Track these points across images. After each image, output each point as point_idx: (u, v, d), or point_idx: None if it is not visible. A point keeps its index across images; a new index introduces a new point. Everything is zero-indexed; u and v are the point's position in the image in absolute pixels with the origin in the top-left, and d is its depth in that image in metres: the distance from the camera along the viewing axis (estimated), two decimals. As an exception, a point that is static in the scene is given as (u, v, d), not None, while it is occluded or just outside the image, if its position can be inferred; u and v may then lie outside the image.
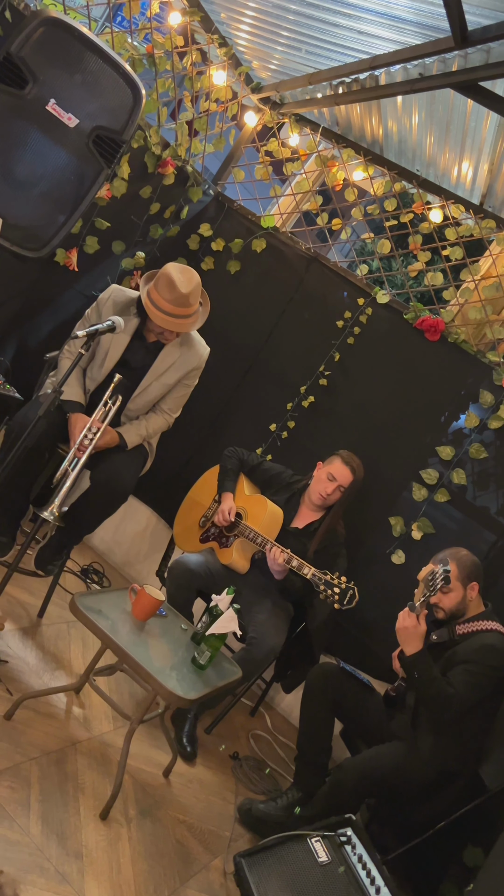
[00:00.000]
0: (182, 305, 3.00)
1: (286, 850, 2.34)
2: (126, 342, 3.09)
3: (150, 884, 2.27)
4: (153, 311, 2.96)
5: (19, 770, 2.35)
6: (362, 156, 4.14)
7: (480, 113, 3.53)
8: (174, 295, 2.97)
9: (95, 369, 3.13)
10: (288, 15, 3.50)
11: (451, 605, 2.85)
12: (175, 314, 3.00)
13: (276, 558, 3.11)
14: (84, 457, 2.86)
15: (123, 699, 3.12)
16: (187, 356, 3.24)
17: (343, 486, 3.28)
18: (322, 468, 3.35)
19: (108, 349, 3.09)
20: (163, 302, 2.96)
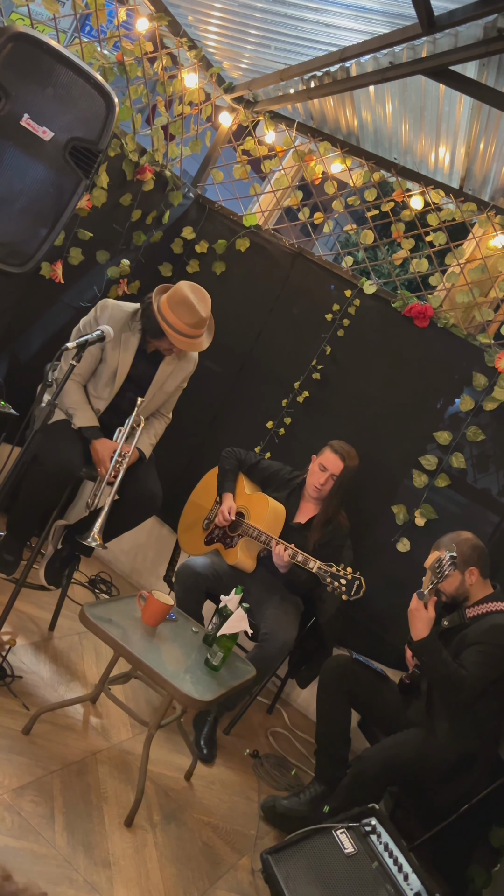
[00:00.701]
0: (199, 327, 3.06)
1: (312, 844, 2.35)
2: (132, 358, 3.11)
3: (180, 887, 2.28)
4: (173, 335, 3.00)
5: (41, 784, 2.36)
6: (339, 148, 4.15)
7: (453, 97, 3.54)
8: (195, 319, 3.02)
9: (102, 388, 3.12)
10: (255, 13, 3.51)
11: (451, 590, 2.87)
12: (193, 335, 3.06)
13: (280, 554, 3.12)
14: (117, 481, 2.94)
15: (140, 706, 3.12)
16: (183, 363, 3.28)
17: (335, 475, 3.29)
18: (315, 460, 3.37)
19: (115, 367, 3.09)
20: (182, 325, 3.01)
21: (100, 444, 3.01)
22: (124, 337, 3.08)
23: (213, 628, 2.75)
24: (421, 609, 2.65)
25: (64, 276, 3.66)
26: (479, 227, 3.90)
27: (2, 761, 2.35)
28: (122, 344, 3.08)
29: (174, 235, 4.31)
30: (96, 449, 3.01)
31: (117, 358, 3.08)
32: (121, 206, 3.84)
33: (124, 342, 3.09)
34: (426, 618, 2.64)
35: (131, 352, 3.10)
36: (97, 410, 3.11)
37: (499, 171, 3.77)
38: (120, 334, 3.07)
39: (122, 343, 3.08)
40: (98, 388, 3.11)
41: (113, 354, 3.07)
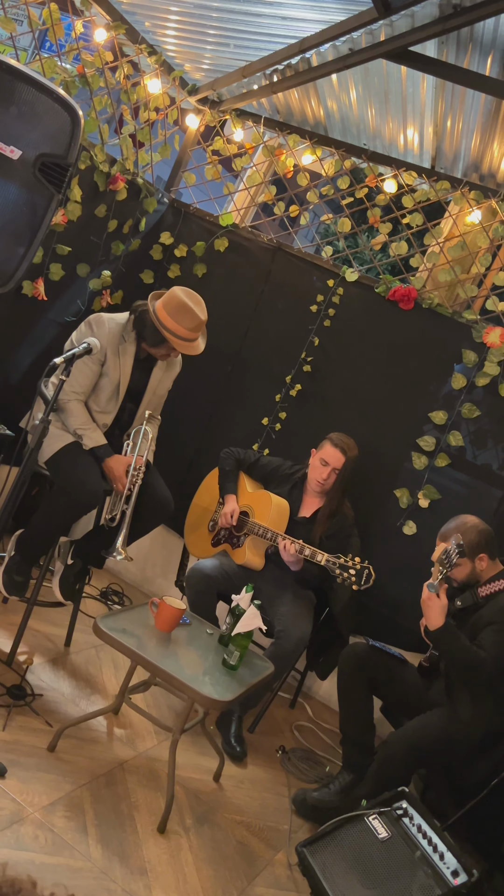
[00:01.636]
0: (197, 331, 3.10)
1: (346, 833, 2.36)
2: (131, 367, 3.12)
3: (218, 888, 2.29)
4: (176, 341, 3.03)
5: (71, 798, 2.37)
6: (308, 139, 4.15)
7: (416, 77, 3.54)
8: (195, 323, 3.05)
9: (105, 402, 3.12)
10: (211, 13, 3.51)
11: (462, 578, 2.87)
12: (192, 339, 3.09)
13: (288, 550, 3.12)
14: (134, 494, 2.98)
15: (162, 712, 3.13)
16: (171, 364, 3.30)
17: (337, 469, 3.30)
18: (315, 455, 3.37)
19: (118, 380, 3.10)
20: (183, 331, 3.04)
21: (114, 462, 3.03)
22: (121, 349, 3.09)
23: (227, 628, 2.75)
24: (433, 598, 2.63)
25: (46, 293, 3.66)
26: (454, 205, 3.90)
27: (30, 780, 2.36)
28: (120, 357, 3.09)
29: (152, 242, 4.31)
30: (111, 467, 3.04)
31: (118, 371, 3.09)
32: (96, 217, 3.84)
33: (122, 354, 3.09)
34: (439, 606, 2.63)
35: (130, 362, 3.12)
36: (104, 425, 3.11)
37: (468, 148, 3.78)
38: (118, 347, 3.08)
39: (119, 356, 3.09)
40: (101, 403, 3.11)
41: (114, 367, 3.07)
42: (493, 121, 3.54)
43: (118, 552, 2.85)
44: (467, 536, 2.81)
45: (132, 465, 3.02)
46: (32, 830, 2.17)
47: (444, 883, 2.12)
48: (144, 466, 3.06)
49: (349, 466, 3.31)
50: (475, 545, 2.82)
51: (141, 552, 4.27)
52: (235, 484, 3.51)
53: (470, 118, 3.61)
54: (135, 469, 3.02)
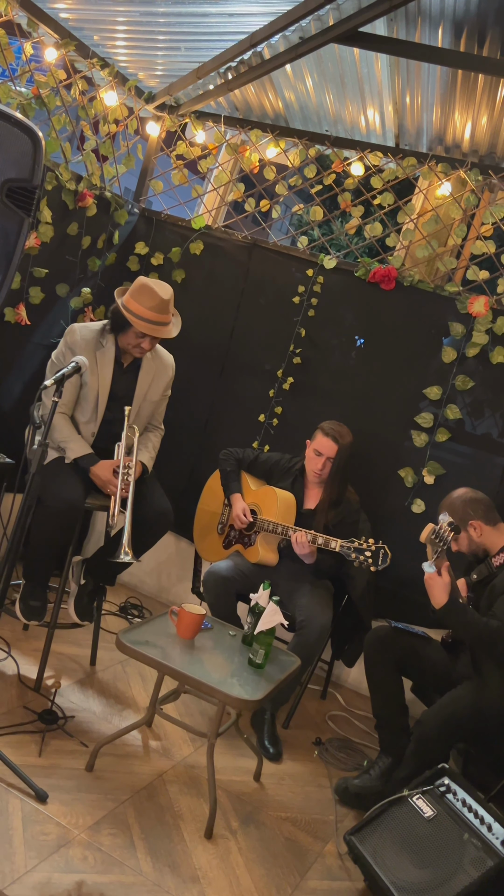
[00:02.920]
0: (163, 312, 3.05)
1: (391, 816, 2.36)
2: (111, 374, 3.11)
3: (272, 886, 2.29)
4: (136, 321, 3.00)
5: (115, 815, 2.38)
6: (270, 132, 4.14)
7: (369, 58, 3.53)
8: (155, 301, 3.02)
9: (89, 412, 3.11)
10: (158, 19, 3.51)
11: (465, 550, 2.88)
12: (157, 321, 3.04)
13: (300, 541, 3.12)
14: (130, 495, 2.94)
15: (195, 719, 3.14)
16: (161, 368, 3.28)
17: (331, 458, 3.29)
18: (309, 446, 3.36)
19: (97, 388, 3.08)
20: (144, 310, 3.01)
21: (98, 469, 3.01)
22: (98, 355, 3.08)
23: (249, 628, 2.76)
24: (434, 577, 2.62)
25: (29, 317, 3.66)
26: (423, 180, 3.89)
27: (72, 802, 2.37)
28: (98, 363, 3.08)
29: (128, 254, 4.31)
30: (96, 474, 3.02)
31: (97, 377, 3.08)
32: (69, 236, 3.84)
33: (100, 360, 3.08)
34: (441, 584, 2.62)
35: (109, 367, 3.10)
36: (91, 434, 3.11)
37: (430, 121, 3.77)
38: (94, 353, 3.07)
39: (98, 362, 3.08)
40: (85, 413, 3.11)
41: (92, 374, 3.06)
42: (451, 92, 3.53)
43: (124, 552, 2.82)
44: (453, 508, 2.84)
45: (120, 466, 2.99)
46: (81, 851, 2.18)
47: (494, 854, 2.13)
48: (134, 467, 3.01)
49: (343, 454, 3.30)
50: (462, 514, 2.84)
51: (154, 562, 4.28)
52: (239, 483, 3.51)
53: (428, 92, 3.60)
54: (125, 468, 2.99)
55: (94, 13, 3.51)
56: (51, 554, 3.02)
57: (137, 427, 3.20)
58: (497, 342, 3.55)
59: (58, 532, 2.94)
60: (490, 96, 3.46)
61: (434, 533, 2.64)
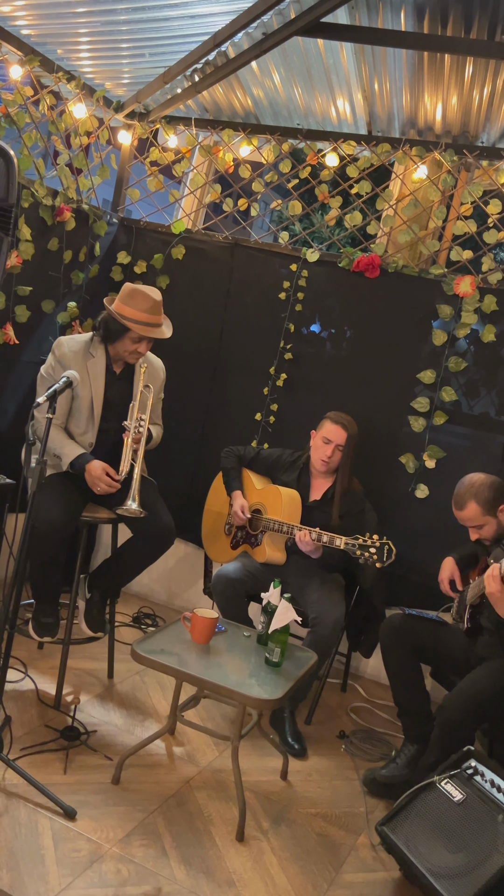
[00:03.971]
0: (156, 313, 3.05)
1: (422, 803, 2.36)
2: (103, 382, 3.09)
3: (308, 883, 2.29)
4: (133, 325, 2.99)
5: (145, 826, 2.37)
6: (242, 131, 4.14)
7: (334, 48, 3.53)
8: (148, 304, 3.02)
9: (84, 423, 3.09)
10: (120, 27, 3.50)
11: (491, 535, 2.86)
12: (152, 322, 3.04)
13: (304, 539, 3.11)
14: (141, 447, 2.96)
15: (217, 723, 3.13)
16: (153, 372, 3.27)
17: (341, 445, 3.28)
18: (316, 435, 3.36)
19: (91, 398, 3.07)
20: (138, 314, 3.01)
21: (91, 466, 2.95)
22: (89, 365, 3.07)
23: (263, 627, 2.75)
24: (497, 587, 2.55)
25: (17, 336, 3.66)
26: (398, 165, 3.89)
27: (101, 816, 2.37)
28: (89, 373, 3.07)
29: (110, 264, 4.30)
30: (88, 471, 2.94)
31: (89, 388, 3.06)
32: (50, 252, 3.84)
33: (91, 370, 3.07)
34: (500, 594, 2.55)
35: (101, 376, 3.09)
36: (89, 445, 3.08)
37: (400, 106, 3.77)
38: (84, 364, 3.06)
39: (88, 372, 3.07)
40: (80, 425, 3.09)
41: (83, 385, 3.05)
42: (418, 75, 3.53)
43: (132, 500, 2.80)
44: (481, 494, 2.81)
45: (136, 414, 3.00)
46: (114, 865, 2.17)
47: (527, 831, 2.12)
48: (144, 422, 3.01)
49: (352, 442, 3.30)
50: (492, 501, 2.81)
51: (163, 569, 4.28)
52: (240, 480, 3.51)
53: (396, 77, 3.60)
54: (139, 419, 2.99)
55: (55, 27, 3.51)
56: (52, 571, 2.98)
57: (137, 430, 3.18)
58: (486, 320, 3.55)
59: (50, 551, 2.88)
60: (458, 76, 3.45)
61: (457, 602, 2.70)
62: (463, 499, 2.84)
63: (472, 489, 2.83)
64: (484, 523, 2.82)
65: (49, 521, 2.79)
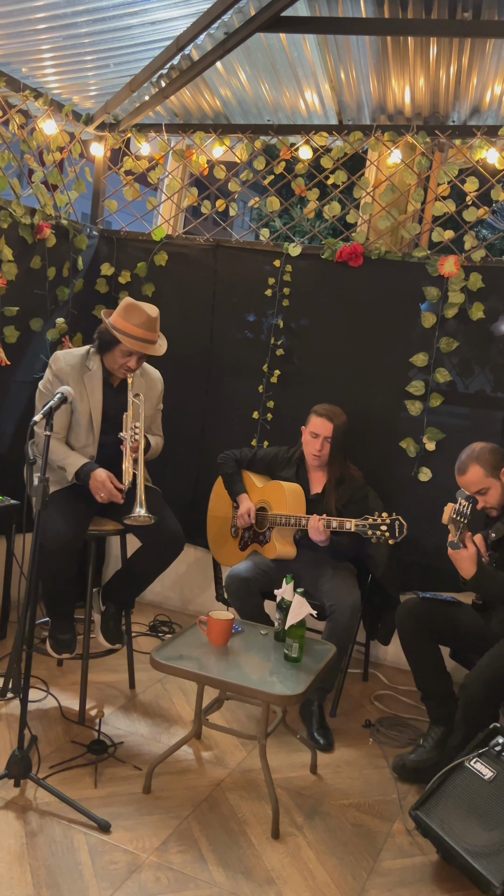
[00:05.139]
0: (151, 330, 3.06)
1: (453, 784, 2.36)
2: (101, 395, 3.10)
3: (347, 874, 2.29)
4: (125, 339, 2.99)
5: (180, 832, 2.38)
6: (213, 132, 4.14)
7: (297, 41, 3.53)
8: (143, 318, 3.02)
9: (84, 436, 3.09)
10: (82, 40, 3.50)
11: (497, 501, 2.86)
12: (145, 338, 3.04)
13: (316, 527, 3.12)
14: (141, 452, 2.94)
15: (242, 723, 3.13)
16: (150, 383, 3.27)
17: (328, 437, 3.28)
18: (305, 431, 3.36)
19: (89, 411, 3.07)
20: (132, 328, 3.01)
21: (97, 472, 2.93)
22: (86, 378, 3.07)
23: (279, 624, 2.76)
24: (460, 552, 2.64)
25: (8, 357, 3.66)
26: (372, 152, 3.89)
27: (135, 827, 2.37)
28: (86, 386, 3.07)
29: (95, 277, 4.31)
30: (94, 477, 2.92)
31: (87, 401, 3.07)
32: (33, 270, 3.84)
33: (88, 383, 3.07)
34: (467, 556, 2.63)
35: (98, 389, 3.09)
36: (91, 458, 3.08)
37: (368, 93, 3.77)
38: (82, 377, 3.06)
39: (86, 385, 3.07)
40: (80, 438, 3.09)
41: (81, 399, 3.05)
42: (383, 60, 3.53)
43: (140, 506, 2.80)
44: (483, 457, 2.82)
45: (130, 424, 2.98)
46: (152, 874, 2.18)
47: None
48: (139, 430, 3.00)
49: (339, 432, 3.29)
50: (494, 463, 2.82)
51: (175, 576, 4.28)
52: (242, 484, 3.51)
53: (361, 64, 3.60)
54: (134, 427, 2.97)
55: (17, 45, 3.51)
56: (64, 587, 2.98)
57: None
58: (473, 298, 3.55)
59: (60, 567, 2.87)
60: (423, 57, 3.45)
61: (454, 512, 2.65)
62: (465, 464, 2.86)
63: (473, 454, 2.86)
64: (488, 486, 2.82)
65: (56, 538, 2.79)
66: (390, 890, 2.25)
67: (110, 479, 2.93)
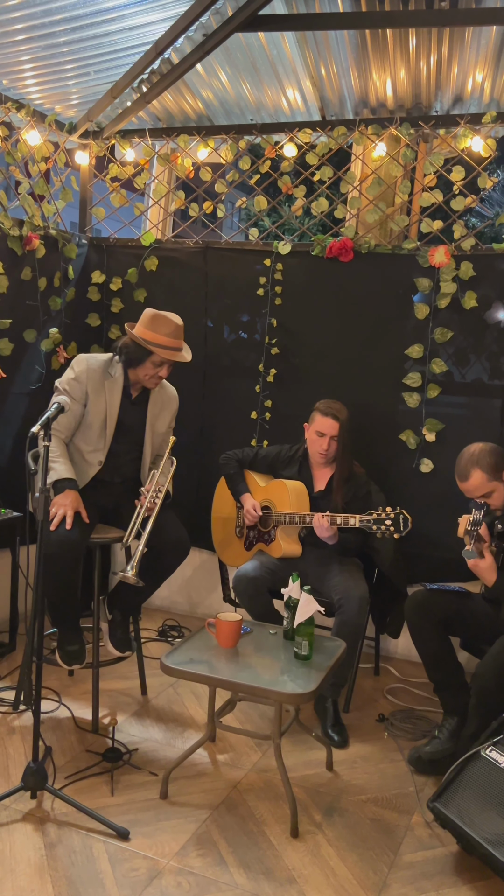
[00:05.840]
0: (179, 338, 3.09)
1: (469, 774, 2.35)
2: (119, 402, 3.10)
3: (368, 870, 2.29)
4: (158, 350, 3.01)
5: (199, 836, 2.37)
6: (197, 134, 4.14)
7: (275, 39, 3.52)
8: (171, 328, 3.05)
9: (96, 439, 3.07)
10: (61, 49, 3.50)
11: (501, 502, 2.86)
12: (175, 347, 3.07)
13: (322, 524, 3.11)
14: (154, 515, 2.90)
15: (256, 724, 3.13)
16: (167, 400, 3.28)
17: (334, 436, 3.28)
18: (309, 429, 3.35)
19: (104, 415, 3.06)
20: (162, 338, 3.03)
21: (67, 492, 2.86)
22: (108, 384, 3.07)
23: (287, 622, 2.75)
24: (478, 563, 2.68)
25: (4, 370, 3.66)
26: (357, 146, 3.89)
27: (154, 833, 2.37)
28: (106, 390, 3.07)
29: (86, 285, 4.30)
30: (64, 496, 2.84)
31: (104, 404, 3.07)
32: (24, 282, 3.84)
33: (108, 388, 3.07)
34: (487, 566, 2.68)
35: (117, 396, 3.09)
36: (98, 463, 3.08)
37: (350, 87, 3.76)
38: (103, 382, 3.07)
39: (106, 389, 3.07)
40: (92, 440, 3.08)
41: (98, 402, 3.05)
42: (363, 53, 3.52)
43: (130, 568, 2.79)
44: (483, 461, 2.80)
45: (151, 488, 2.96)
46: (174, 879, 2.17)
47: None
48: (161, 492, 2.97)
49: (345, 429, 3.29)
50: (495, 465, 2.81)
51: (181, 580, 4.28)
52: (245, 483, 3.51)
53: (341, 59, 3.59)
54: (154, 491, 2.96)
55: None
56: (67, 596, 2.95)
57: (146, 458, 3.20)
58: (465, 287, 3.55)
59: (64, 573, 2.84)
60: (403, 49, 3.45)
61: (469, 523, 2.67)
62: (466, 469, 2.84)
63: (472, 458, 2.83)
64: (491, 490, 2.81)
65: (59, 542, 2.77)
66: (412, 883, 2.24)
67: (76, 506, 2.84)
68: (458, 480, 2.88)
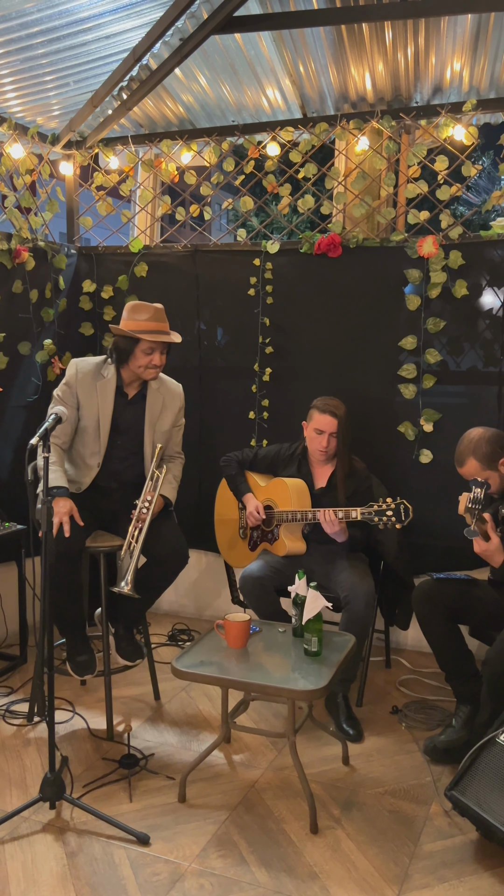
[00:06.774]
0: (162, 320, 3.06)
1: (485, 761, 2.36)
2: (112, 403, 3.08)
3: (389, 862, 2.29)
4: (143, 335, 2.98)
5: (219, 837, 2.38)
6: (179, 139, 4.15)
7: (252, 39, 3.54)
8: (150, 312, 3.03)
9: (91, 442, 3.06)
10: (40, 60, 3.51)
11: (497, 489, 2.86)
12: (159, 329, 3.04)
13: (329, 520, 3.11)
14: (145, 525, 2.90)
15: (270, 722, 3.14)
16: (169, 397, 3.23)
17: (333, 433, 3.28)
18: (308, 427, 3.35)
19: (97, 418, 3.05)
20: (144, 324, 3.01)
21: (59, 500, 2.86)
22: (99, 385, 3.06)
23: (296, 620, 2.76)
24: (484, 545, 2.64)
25: (0, 384, 3.67)
26: (339, 141, 3.90)
27: (174, 836, 2.38)
28: (98, 392, 3.06)
29: (77, 295, 4.31)
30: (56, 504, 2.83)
31: (96, 407, 3.06)
32: (15, 295, 3.85)
33: (100, 390, 3.06)
34: (494, 547, 2.64)
35: (110, 397, 3.07)
36: (97, 465, 3.08)
37: (329, 83, 3.77)
38: (94, 383, 3.06)
39: (97, 391, 3.06)
40: (87, 444, 3.08)
41: (90, 405, 3.04)
42: (340, 49, 3.53)
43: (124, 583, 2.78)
44: (479, 450, 2.80)
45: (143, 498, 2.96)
46: (196, 881, 2.18)
47: None
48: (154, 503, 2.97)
49: (343, 426, 3.30)
50: (490, 455, 2.80)
51: (188, 583, 4.29)
52: (247, 484, 3.51)
53: (318, 55, 3.60)
54: (144, 501, 2.96)
55: (-24, 74, 3.52)
56: (71, 603, 2.95)
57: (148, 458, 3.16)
58: (455, 276, 3.56)
59: (64, 578, 2.84)
60: (379, 42, 3.45)
61: (469, 500, 2.65)
62: (462, 455, 2.85)
63: (470, 445, 2.84)
64: (486, 478, 2.82)
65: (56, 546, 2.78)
66: (433, 872, 2.25)
67: (70, 513, 2.84)
68: (456, 464, 2.89)
